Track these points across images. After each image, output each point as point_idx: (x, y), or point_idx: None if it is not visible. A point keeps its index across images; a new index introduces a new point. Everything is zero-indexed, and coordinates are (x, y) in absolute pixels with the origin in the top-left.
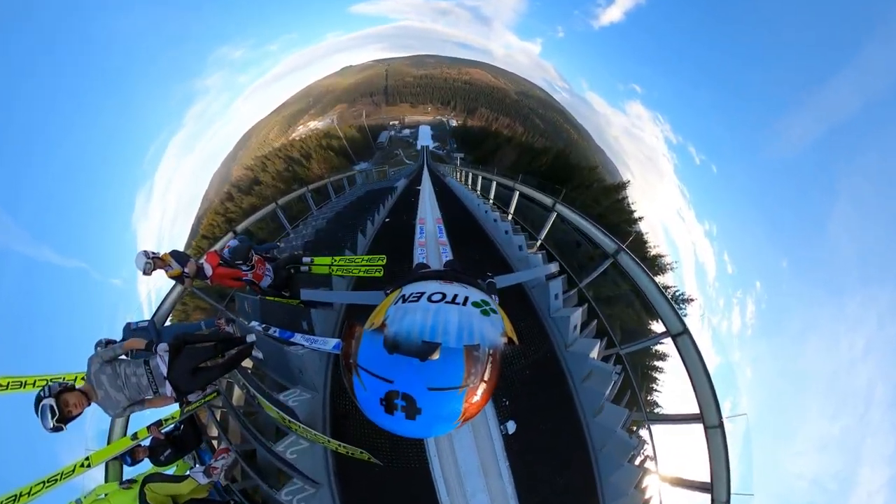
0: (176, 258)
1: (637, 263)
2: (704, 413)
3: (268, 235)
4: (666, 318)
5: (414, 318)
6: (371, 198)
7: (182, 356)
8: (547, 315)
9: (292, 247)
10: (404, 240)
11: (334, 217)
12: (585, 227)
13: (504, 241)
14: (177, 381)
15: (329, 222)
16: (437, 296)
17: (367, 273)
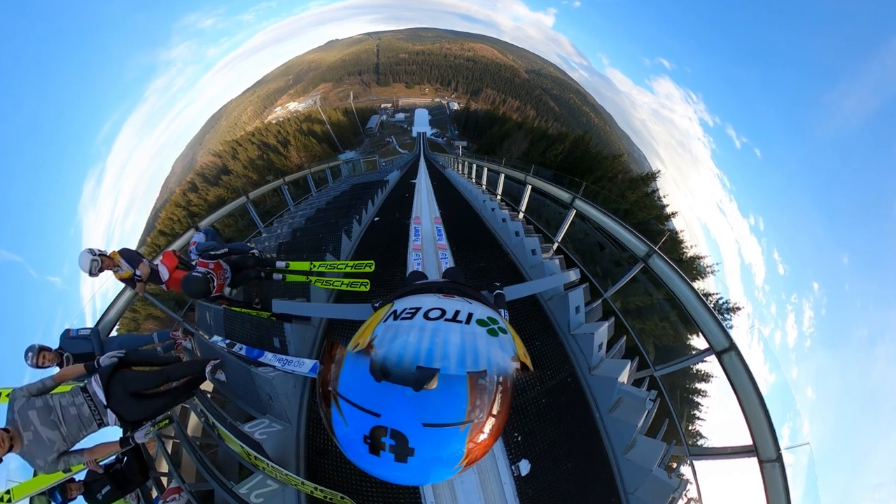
0: (126, 258)
1: (672, 267)
2: (758, 444)
3: (236, 234)
4: (708, 331)
5: (407, 339)
6: (358, 193)
7: (123, 380)
8: (566, 332)
9: (265, 248)
10: (396, 243)
11: (315, 215)
12: (610, 226)
13: (514, 244)
14: (119, 409)
15: (308, 221)
16: (434, 312)
17: (352, 287)
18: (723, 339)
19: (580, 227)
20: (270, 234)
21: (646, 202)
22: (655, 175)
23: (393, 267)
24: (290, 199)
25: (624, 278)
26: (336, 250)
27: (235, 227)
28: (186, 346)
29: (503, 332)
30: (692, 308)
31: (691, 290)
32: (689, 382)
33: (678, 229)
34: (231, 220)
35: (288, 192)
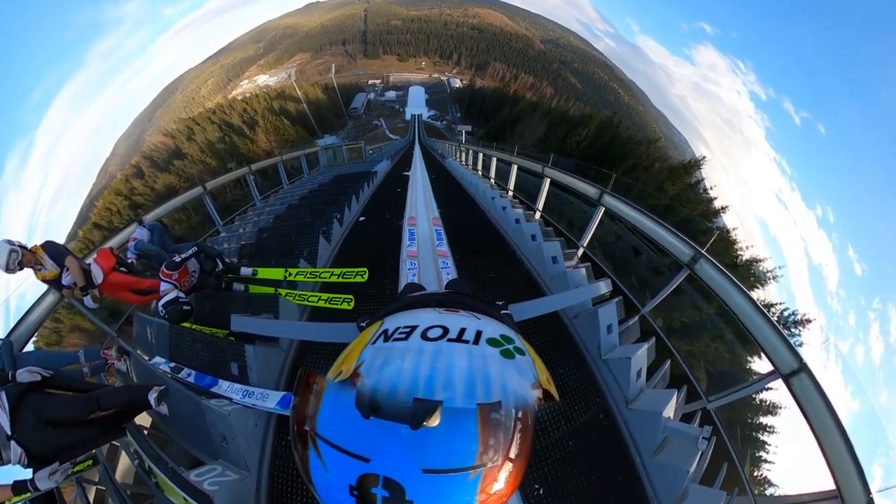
0: (52, 254)
1: (724, 274)
2: (843, 488)
3: (188, 232)
4: (772, 350)
5: (401, 365)
6: (340, 186)
7: (37, 403)
8: (596, 357)
9: (224, 252)
10: (386, 249)
11: (286, 212)
12: (646, 225)
13: (531, 250)
14: (27, 440)
15: (278, 219)
16: (435, 331)
17: (332, 304)
18: (791, 359)
19: (610, 228)
20: (231, 234)
21: (689, 195)
22: (700, 162)
23: (382, 278)
24: (256, 191)
25: (665, 289)
26: (311, 256)
27: (188, 224)
28: (120, 368)
29: (520, 353)
30: (751, 323)
31: (749, 301)
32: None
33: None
34: (183, 215)
35: (254, 183)
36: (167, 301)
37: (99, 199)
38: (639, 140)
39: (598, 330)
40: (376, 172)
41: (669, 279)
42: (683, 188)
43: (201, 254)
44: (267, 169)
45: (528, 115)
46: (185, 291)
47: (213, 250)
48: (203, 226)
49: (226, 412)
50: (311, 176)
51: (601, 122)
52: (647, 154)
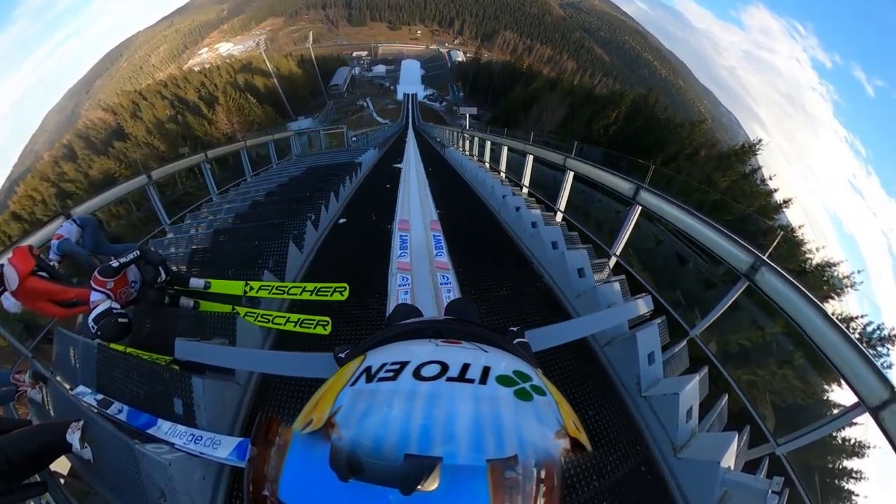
0: None
1: (791, 284)
2: None
3: (127, 231)
4: (855, 377)
5: (389, 414)
6: (316, 180)
7: None
8: (635, 394)
9: (170, 258)
10: (373, 259)
11: (249, 211)
12: (693, 226)
13: (551, 260)
14: None
15: (239, 219)
16: (431, 368)
17: (303, 327)
18: (879, 387)
19: (648, 231)
20: (180, 236)
21: (743, 188)
22: (755, 147)
23: (366, 296)
24: (212, 184)
25: (719, 306)
26: (279, 267)
27: (127, 221)
28: (34, 397)
29: (540, 392)
30: (826, 343)
31: (822, 317)
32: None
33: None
34: (122, 209)
35: (211, 173)
36: (99, 313)
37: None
38: (680, 122)
39: (638, 359)
40: (361, 164)
41: (724, 293)
42: (736, 179)
43: (143, 259)
44: (227, 157)
45: (546, 94)
46: (120, 304)
47: (156, 256)
48: (146, 224)
49: (166, 461)
50: (281, 167)
51: (634, 102)
52: (690, 139)
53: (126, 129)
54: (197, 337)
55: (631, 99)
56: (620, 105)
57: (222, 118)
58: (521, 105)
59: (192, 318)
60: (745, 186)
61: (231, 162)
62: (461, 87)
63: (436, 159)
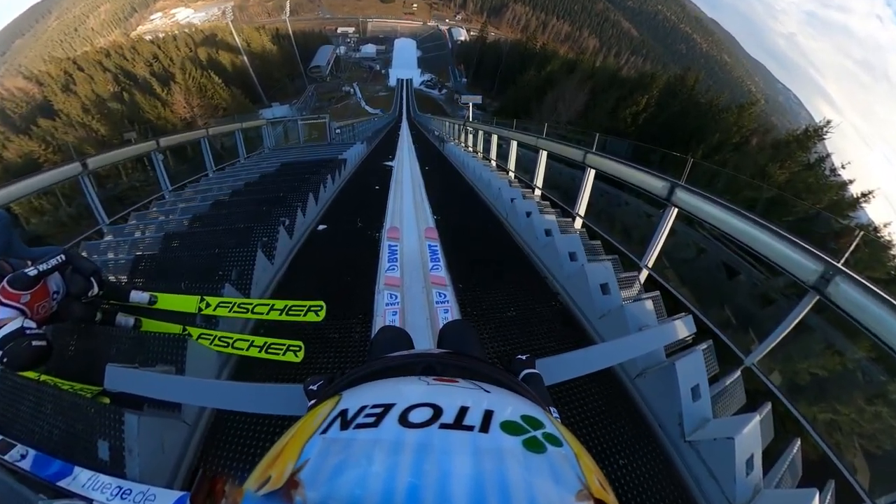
0: None
1: (875, 296)
2: None
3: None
4: None
5: (368, 470)
6: (292, 178)
7: None
8: (677, 438)
9: (106, 265)
10: (357, 273)
11: (209, 212)
12: (743, 231)
13: (568, 275)
14: None
15: (196, 222)
16: (421, 412)
17: (271, 353)
18: None
19: (686, 238)
20: (121, 239)
21: (807, 181)
22: (822, 130)
23: (347, 316)
24: (165, 178)
25: (781, 327)
26: (244, 280)
27: (52, 218)
28: None
29: (555, 442)
30: None
31: None
32: None
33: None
34: (46, 202)
35: (163, 165)
36: (7, 334)
37: None
38: (725, 106)
39: (679, 395)
40: (345, 161)
41: (787, 310)
42: (798, 171)
43: (69, 266)
44: (185, 147)
45: (563, 78)
46: (37, 322)
47: (87, 263)
48: (77, 222)
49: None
50: (251, 161)
51: (668, 84)
52: (738, 125)
53: (55, 104)
54: (135, 363)
55: (665, 81)
56: (652, 88)
57: (179, 100)
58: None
59: (131, 339)
60: (809, 179)
61: (190, 154)
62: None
63: (433, 156)
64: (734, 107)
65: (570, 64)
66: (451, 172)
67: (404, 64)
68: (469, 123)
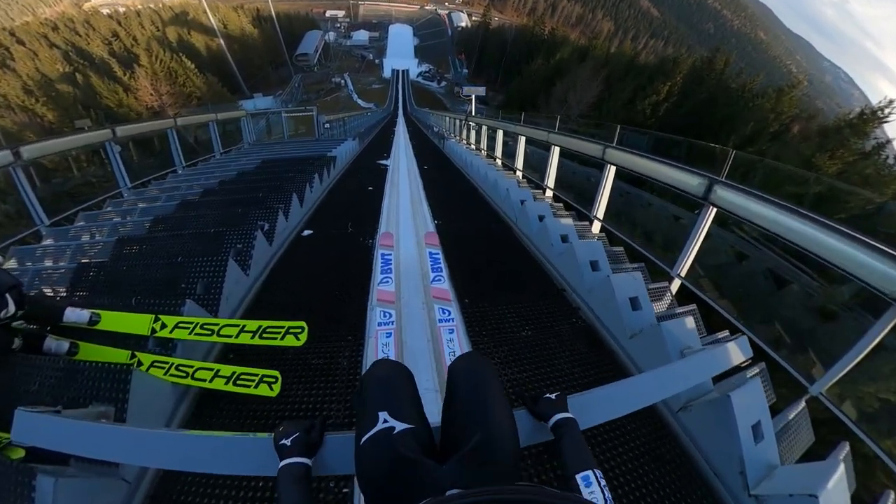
0: None
1: None
2: None
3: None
4: None
5: None
6: (273, 177)
7: None
8: (740, 491)
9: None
10: (346, 286)
11: (175, 213)
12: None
13: (590, 287)
14: None
15: (158, 224)
16: None
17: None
18: None
19: (721, 241)
20: (65, 244)
21: (864, 172)
22: (882, 112)
23: (335, 339)
24: (123, 174)
25: (857, 350)
26: (211, 294)
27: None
28: None
29: None
30: None
31: None
32: None
33: None
34: None
35: (120, 159)
36: None
37: None
38: (761, 90)
39: (737, 435)
40: (335, 158)
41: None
42: (852, 160)
43: None
44: (151, 139)
45: (573, 67)
46: None
47: (3, 276)
48: (12, 223)
49: None
50: (228, 158)
51: (693, 69)
52: (776, 111)
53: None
54: (61, 402)
55: (689, 65)
56: (675, 74)
57: (145, 85)
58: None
59: (59, 371)
60: (866, 170)
61: (157, 147)
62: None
63: (433, 154)
64: (771, 91)
65: (581, 51)
66: (453, 172)
67: (400, 53)
68: (472, 118)
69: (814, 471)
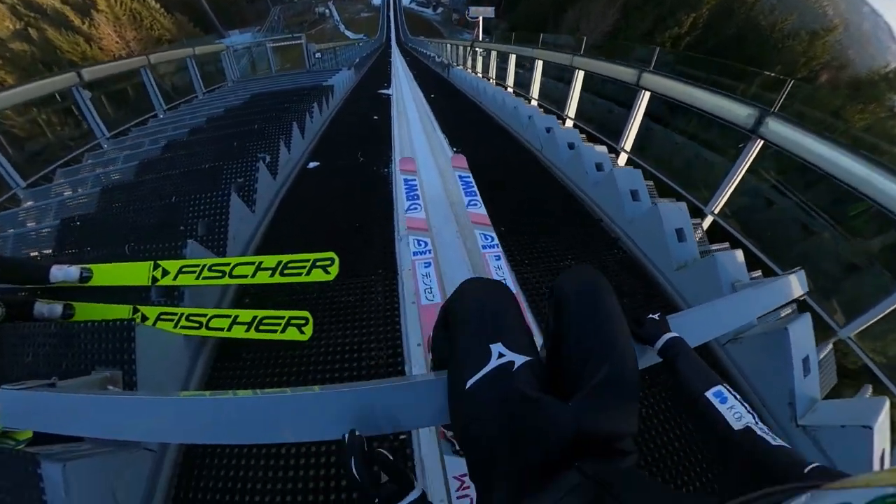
0: None
1: None
2: None
3: None
4: None
5: None
6: (266, 109)
7: None
8: (787, 422)
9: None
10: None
11: (162, 154)
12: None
13: (630, 218)
14: None
15: (147, 170)
16: None
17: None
18: None
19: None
20: (46, 203)
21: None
22: None
23: (364, 274)
24: (98, 124)
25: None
26: (216, 234)
27: None
28: None
29: None
30: None
31: None
32: None
33: None
34: None
35: (90, 106)
36: None
37: None
38: (792, 31)
39: (791, 368)
40: (332, 87)
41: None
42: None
43: None
44: (125, 88)
45: None
46: None
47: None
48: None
49: None
50: (212, 97)
51: (722, 1)
52: (807, 55)
53: None
54: (51, 376)
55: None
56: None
57: (108, 33)
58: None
59: (52, 336)
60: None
61: (132, 95)
62: None
63: (438, 83)
64: (804, 33)
65: None
66: (463, 100)
67: None
68: (478, 44)
69: (863, 404)
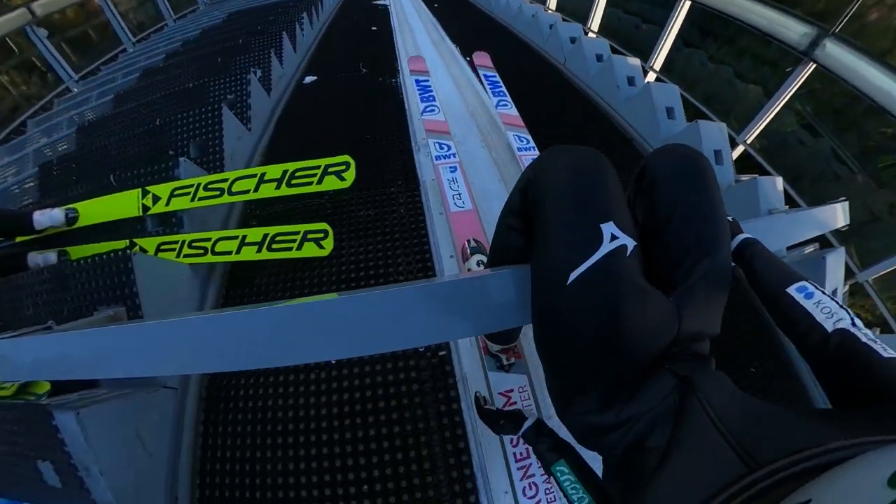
0: None
1: None
2: None
3: None
4: None
5: None
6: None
7: None
8: None
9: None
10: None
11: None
12: None
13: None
14: None
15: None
16: None
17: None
18: None
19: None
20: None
21: None
22: None
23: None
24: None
25: None
26: (210, 152)
27: None
28: None
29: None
30: None
31: None
32: None
33: None
34: None
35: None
36: None
37: None
38: None
39: None
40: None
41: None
42: None
43: None
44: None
45: None
46: None
47: None
48: None
49: None
50: (185, 21)
51: None
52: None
53: None
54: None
55: None
56: None
57: None
58: None
59: (47, 283)
60: None
61: (94, 38)
62: None
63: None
64: None
65: None
66: (471, 10)
67: None
68: None
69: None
